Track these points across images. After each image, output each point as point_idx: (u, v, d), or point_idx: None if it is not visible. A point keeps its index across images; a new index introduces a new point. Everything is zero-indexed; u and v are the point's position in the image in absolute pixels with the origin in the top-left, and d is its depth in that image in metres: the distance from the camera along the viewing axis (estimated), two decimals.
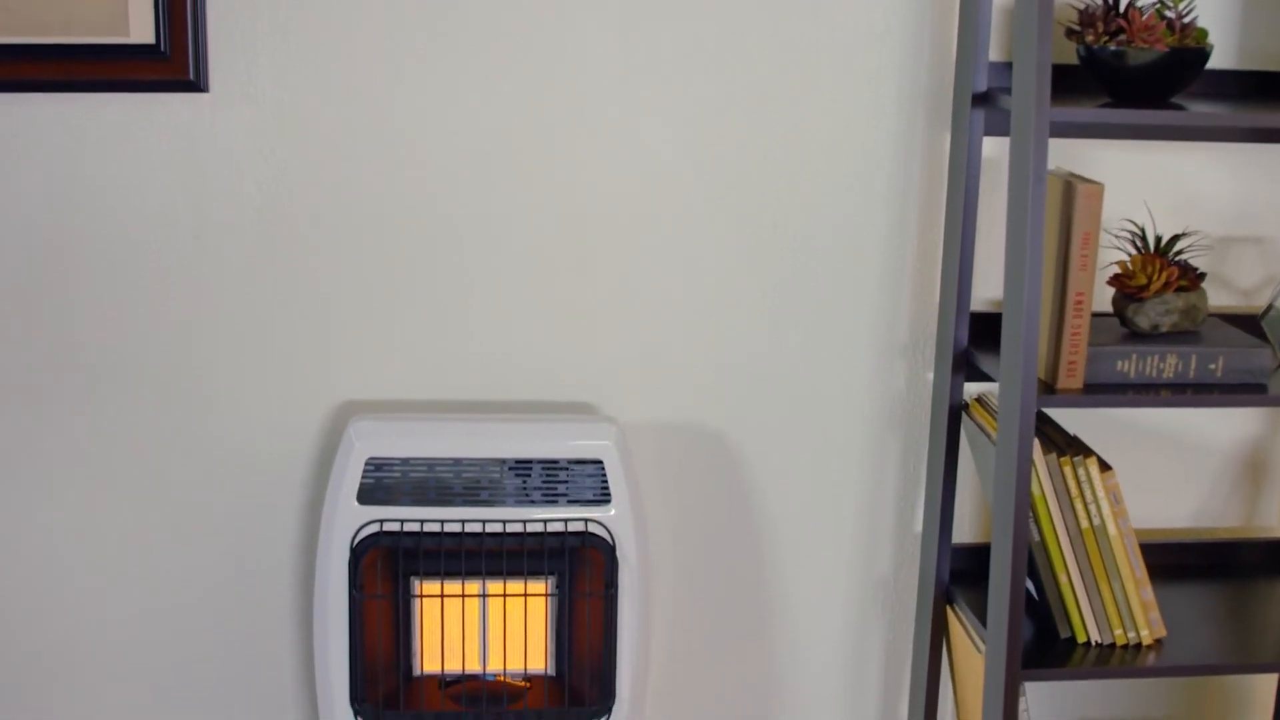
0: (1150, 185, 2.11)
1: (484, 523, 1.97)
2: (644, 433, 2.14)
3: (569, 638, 2.05)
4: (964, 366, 2.05)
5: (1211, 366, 1.88)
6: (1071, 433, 2.01)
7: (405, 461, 1.97)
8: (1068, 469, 1.90)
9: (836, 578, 2.23)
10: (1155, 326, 1.91)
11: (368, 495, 1.96)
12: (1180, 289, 1.92)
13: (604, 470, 1.98)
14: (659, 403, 2.14)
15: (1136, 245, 1.97)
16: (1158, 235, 1.96)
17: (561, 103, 2.02)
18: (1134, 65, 1.83)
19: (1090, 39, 1.86)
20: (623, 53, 2.01)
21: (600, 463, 1.98)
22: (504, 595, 2.00)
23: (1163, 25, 1.83)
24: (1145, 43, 1.82)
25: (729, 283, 2.10)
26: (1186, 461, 2.24)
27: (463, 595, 2.00)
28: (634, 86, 2.03)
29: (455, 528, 1.97)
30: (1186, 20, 1.85)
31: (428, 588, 2.01)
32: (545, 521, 1.98)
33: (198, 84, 1.95)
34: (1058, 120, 1.76)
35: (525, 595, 2.01)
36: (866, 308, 2.12)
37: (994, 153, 2.07)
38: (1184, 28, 1.85)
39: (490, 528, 1.97)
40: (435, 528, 1.97)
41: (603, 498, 1.99)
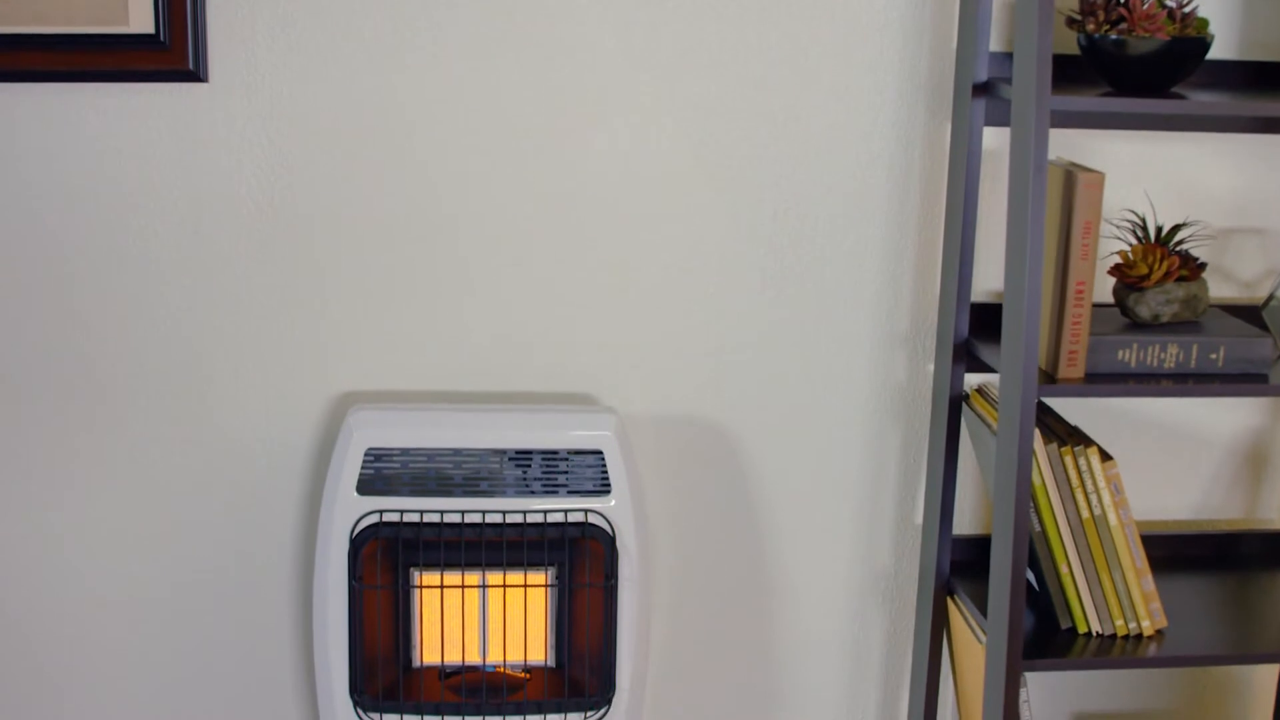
0: (1151, 176, 2.11)
1: (484, 513, 1.97)
2: (644, 423, 2.14)
3: (569, 629, 2.04)
4: (964, 357, 2.05)
5: (1213, 356, 1.88)
6: (1072, 424, 2.01)
7: (405, 452, 1.97)
8: (1069, 459, 1.89)
9: (837, 569, 2.22)
10: (1156, 316, 1.91)
11: (367, 486, 1.96)
12: (1181, 279, 1.92)
13: (604, 460, 1.98)
14: (659, 393, 2.13)
15: (1137, 235, 1.97)
16: (1159, 225, 1.96)
17: (561, 94, 2.02)
18: (1135, 54, 1.83)
19: (1091, 28, 1.85)
20: (623, 43, 2.01)
21: (600, 453, 1.98)
22: (504, 586, 2.00)
23: (1164, 14, 1.83)
24: (1146, 32, 1.82)
25: (729, 273, 2.10)
26: (1187, 453, 2.23)
27: (462, 586, 1.99)
28: (634, 77, 2.02)
29: (455, 518, 1.97)
30: (1187, 10, 1.85)
31: (427, 578, 2.00)
32: (545, 512, 1.97)
33: (197, 74, 1.95)
34: (1058, 109, 1.76)
35: (525, 586, 2.01)
36: (867, 298, 2.12)
37: (994, 143, 2.07)
38: (1185, 17, 1.84)
39: (490, 518, 1.97)
40: (435, 518, 1.96)
41: (603, 488, 1.98)
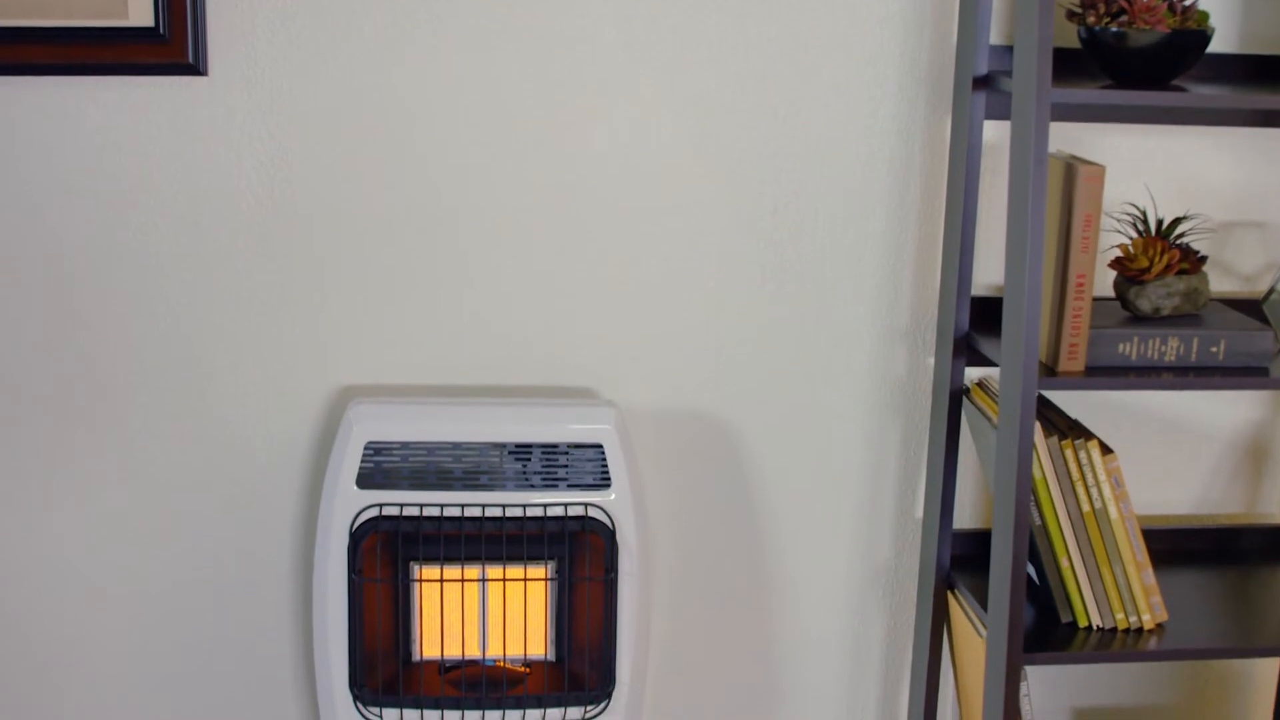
0: (1151, 170, 2.11)
1: (483, 507, 1.97)
2: (644, 417, 2.14)
3: (569, 623, 2.04)
4: (965, 351, 2.05)
5: (1213, 349, 1.88)
6: (1072, 418, 2.01)
7: (404, 445, 1.97)
8: (1069, 452, 1.89)
9: (837, 563, 2.22)
10: (1157, 309, 1.91)
11: (367, 479, 1.96)
12: (1182, 272, 1.92)
13: (604, 454, 1.98)
14: (659, 388, 2.13)
15: (1138, 228, 1.97)
16: (1159, 218, 1.96)
17: (561, 87, 2.02)
18: (1135, 47, 1.82)
19: (1091, 20, 1.85)
20: (623, 36, 2.01)
21: (600, 447, 1.98)
22: (503, 580, 2.00)
23: (1164, 7, 1.83)
24: (1146, 24, 1.81)
25: (729, 267, 2.10)
26: (1188, 448, 2.23)
27: (462, 580, 1.99)
28: (634, 72, 2.02)
29: (455, 512, 1.97)
30: (1188, 2, 1.85)
31: (427, 572, 2.00)
32: (545, 506, 1.97)
33: (197, 67, 1.95)
34: (1059, 101, 1.75)
35: (525, 580, 2.00)
36: (867, 292, 2.12)
37: (995, 137, 2.07)
38: (1185, 10, 1.84)
39: (490, 512, 1.97)
40: (435, 512, 1.96)
41: (603, 482, 1.98)
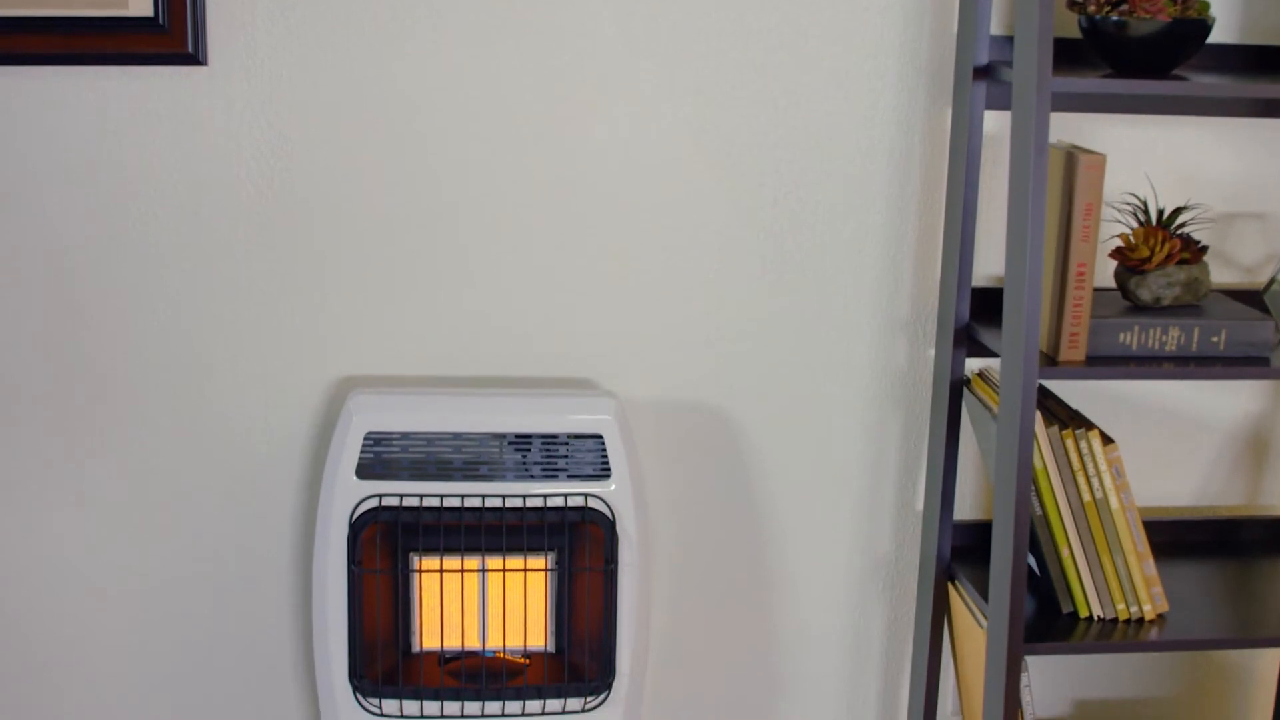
0: (1152, 160, 2.10)
1: (483, 497, 1.97)
2: (644, 408, 2.13)
3: (569, 613, 2.04)
4: (965, 342, 2.05)
5: (1214, 339, 1.87)
6: (1073, 408, 2.00)
7: (404, 436, 1.96)
8: (1070, 442, 1.89)
9: (837, 554, 2.22)
10: (1157, 299, 1.91)
11: (366, 470, 1.96)
12: (1182, 262, 1.92)
13: (604, 445, 1.97)
14: (659, 378, 2.13)
15: (1139, 218, 1.97)
16: (1160, 208, 1.96)
17: (561, 80, 2.02)
18: (1136, 36, 1.82)
19: (1092, 9, 1.85)
20: (623, 30, 2.01)
21: (600, 437, 1.98)
22: (503, 571, 1.99)
23: None
24: (1147, 13, 1.81)
25: (729, 258, 2.09)
26: (1189, 439, 2.23)
27: (462, 571, 1.99)
28: (634, 65, 2.02)
29: (455, 503, 1.96)
30: None
31: (427, 563, 2.00)
32: (545, 496, 1.97)
33: (196, 57, 1.95)
34: (1059, 91, 1.75)
35: (525, 571, 2.00)
36: (867, 283, 2.12)
37: (995, 127, 2.07)
38: None
39: (490, 503, 1.97)
40: (434, 503, 1.96)
41: (603, 472, 1.98)
